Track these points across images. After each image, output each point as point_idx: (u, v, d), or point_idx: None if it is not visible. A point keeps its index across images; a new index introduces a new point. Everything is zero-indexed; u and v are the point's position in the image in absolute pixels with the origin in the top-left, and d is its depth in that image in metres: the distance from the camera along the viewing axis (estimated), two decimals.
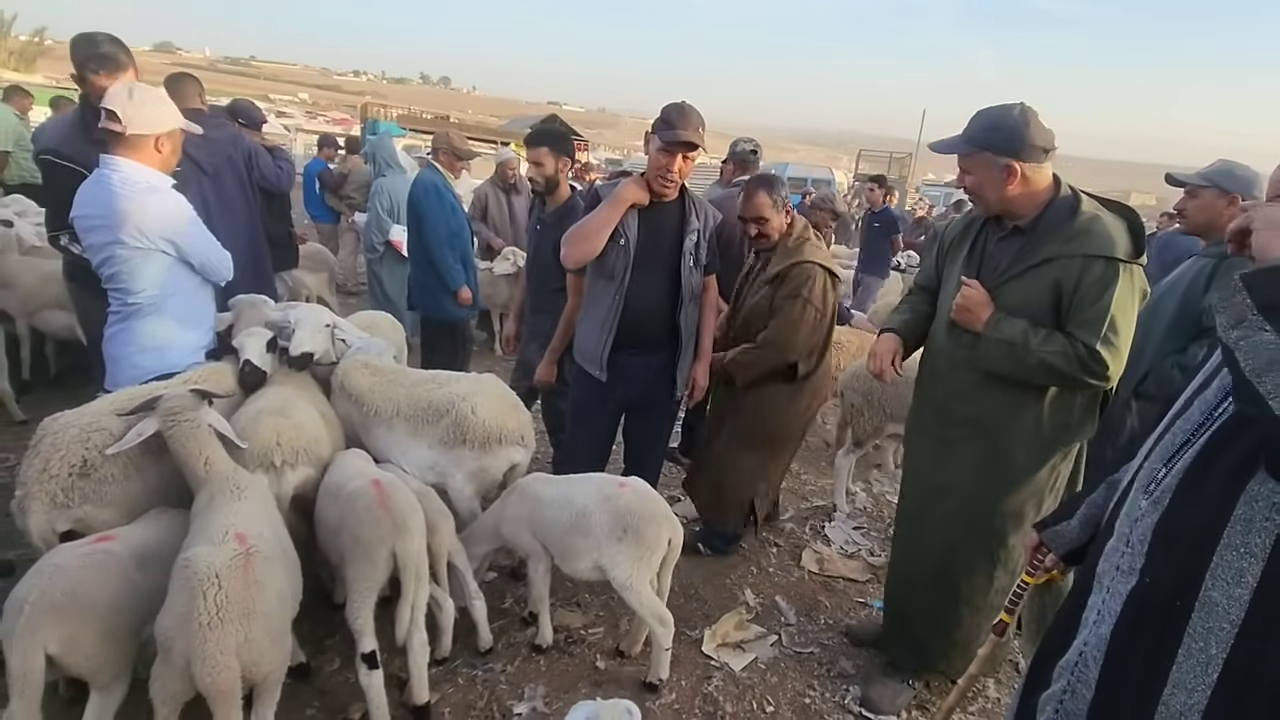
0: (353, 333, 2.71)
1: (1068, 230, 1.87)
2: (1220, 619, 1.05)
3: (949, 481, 2.13)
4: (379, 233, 5.05)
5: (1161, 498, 1.16)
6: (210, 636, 1.46)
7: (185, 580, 1.51)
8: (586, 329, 2.61)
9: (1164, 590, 1.12)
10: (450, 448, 2.37)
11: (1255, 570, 1.02)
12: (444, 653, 2.28)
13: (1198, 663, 1.07)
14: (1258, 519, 1.02)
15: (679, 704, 2.28)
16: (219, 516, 1.73)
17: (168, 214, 2.28)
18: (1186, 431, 1.18)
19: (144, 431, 1.90)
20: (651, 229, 2.52)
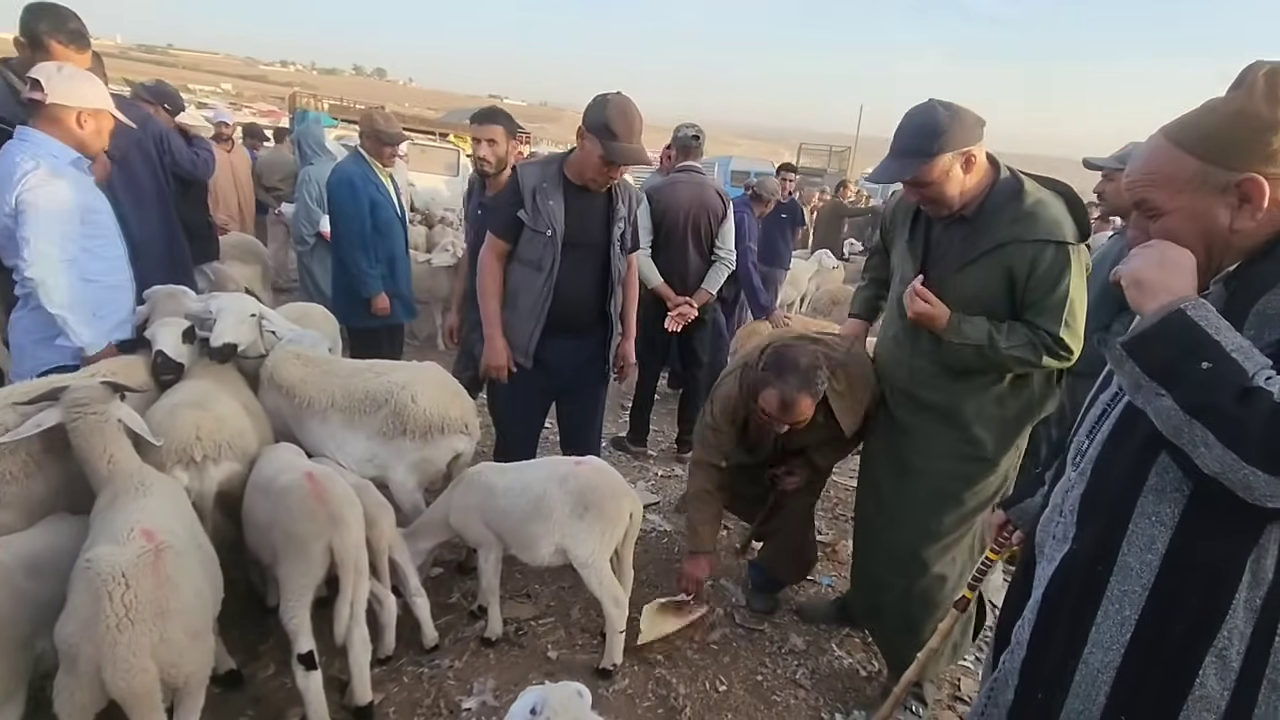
0: (281, 324, 2.58)
1: (1014, 212, 1.85)
2: (1134, 583, 1.11)
3: (916, 465, 2.10)
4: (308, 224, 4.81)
5: (1085, 469, 1.21)
6: (120, 639, 1.36)
7: (88, 582, 1.40)
8: (512, 317, 2.53)
9: (1086, 556, 1.18)
10: (390, 439, 2.28)
11: (1165, 538, 1.08)
12: (387, 651, 2.19)
13: (1114, 624, 1.13)
14: (1168, 489, 1.07)
15: (632, 689, 2.26)
16: (122, 515, 1.61)
17: (52, 196, 2.13)
18: (1104, 404, 1.25)
19: (43, 423, 1.75)
20: (579, 217, 2.45)
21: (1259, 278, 1.05)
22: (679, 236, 3.65)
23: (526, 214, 2.40)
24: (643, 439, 4.11)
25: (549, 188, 2.40)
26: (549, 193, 2.40)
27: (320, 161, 4.76)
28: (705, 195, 3.66)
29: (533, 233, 2.41)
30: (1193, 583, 1.07)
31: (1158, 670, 1.11)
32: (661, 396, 4.36)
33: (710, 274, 3.74)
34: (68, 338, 2.20)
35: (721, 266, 3.74)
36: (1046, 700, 1.24)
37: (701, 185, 3.67)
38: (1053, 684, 1.23)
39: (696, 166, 3.77)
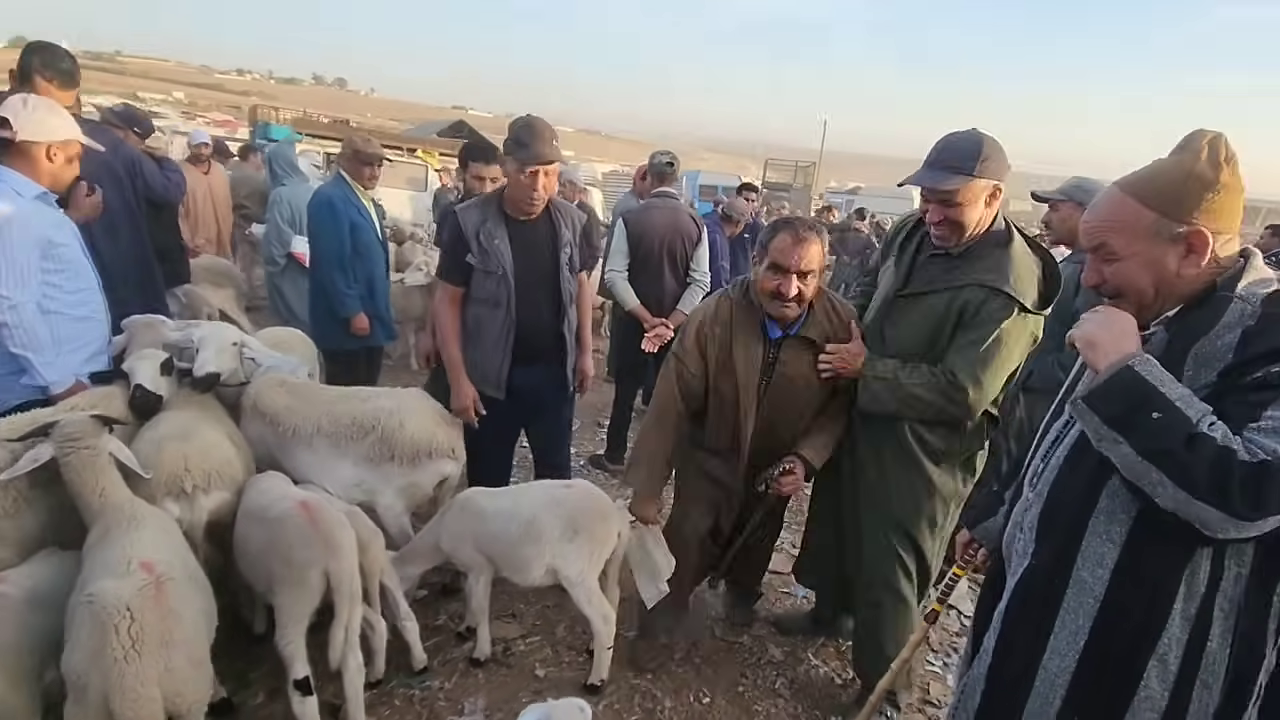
0: (262, 351, 2.59)
1: (993, 259, 1.91)
2: (1086, 595, 1.24)
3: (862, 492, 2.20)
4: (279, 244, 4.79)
5: (1042, 490, 1.34)
6: (128, 670, 1.40)
7: (92, 615, 1.43)
8: (479, 353, 2.58)
9: (1045, 570, 1.31)
10: (377, 464, 2.32)
11: (1114, 555, 1.21)
12: (378, 675, 2.22)
13: (1070, 632, 1.26)
14: (1117, 511, 1.21)
15: (619, 703, 2.32)
16: (117, 548, 1.63)
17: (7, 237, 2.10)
18: (1058, 429, 1.38)
19: (39, 458, 1.77)
20: (526, 250, 2.51)
21: (1195, 323, 1.18)
22: (655, 260, 3.76)
23: (474, 256, 2.45)
24: (620, 456, 4.19)
25: (491, 226, 2.46)
26: (492, 232, 2.46)
27: (292, 182, 4.76)
28: (680, 220, 3.78)
29: (484, 273, 2.47)
30: (1137, 596, 1.20)
31: (1107, 674, 1.24)
32: (638, 414, 4.45)
33: (685, 296, 3.85)
34: (31, 376, 2.19)
35: (696, 289, 3.86)
36: (1008, 703, 1.36)
37: (676, 210, 3.80)
38: (1015, 687, 1.35)
39: (671, 192, 3.89)
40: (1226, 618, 1.18)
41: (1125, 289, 1.24)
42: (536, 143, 2.34)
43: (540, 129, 2.38)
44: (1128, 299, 1.25)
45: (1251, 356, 1.11)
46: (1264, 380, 1.09)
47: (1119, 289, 1.25)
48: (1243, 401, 1.09)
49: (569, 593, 2.27)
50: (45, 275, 2.21)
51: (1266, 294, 1.16)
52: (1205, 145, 1.19)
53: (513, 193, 2.47)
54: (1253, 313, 1.14)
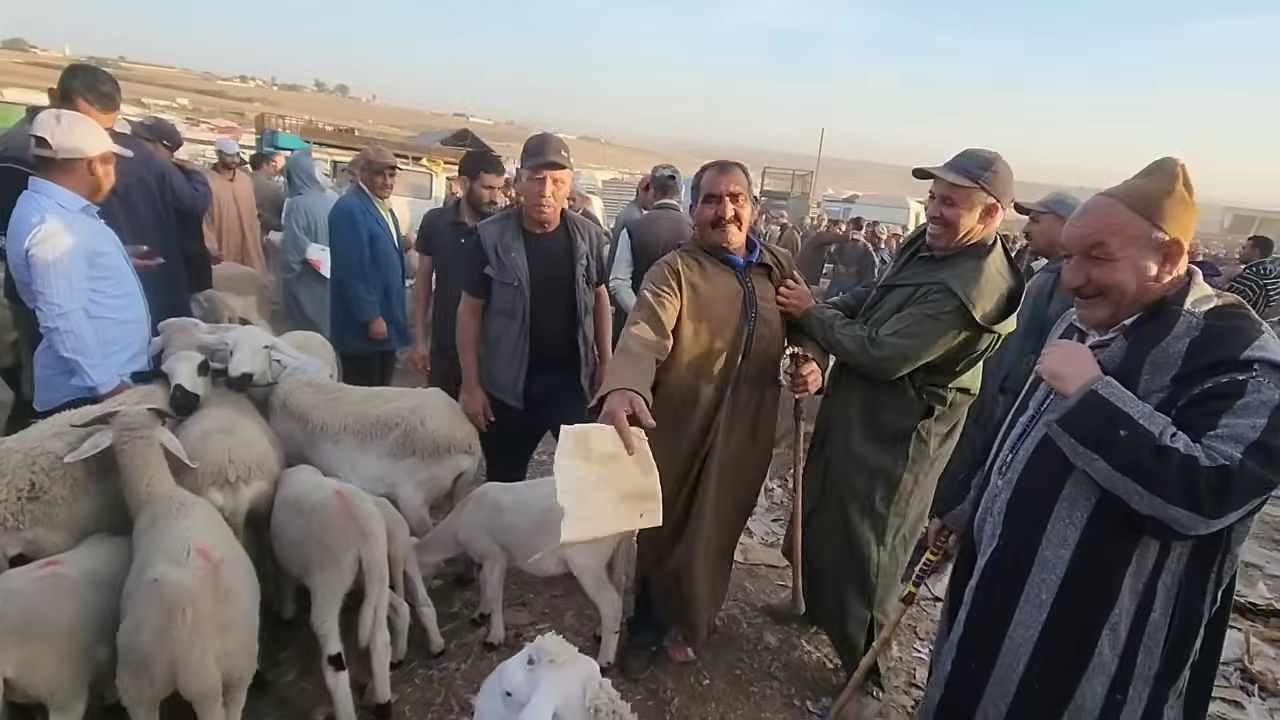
0: (289, 353, 2.76)
1: (963, 268, 2.07)
2: (1050, 573, 1.41)
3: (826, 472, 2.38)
4: (295, 252, 4.97)
5: (1011, 478, 1.51)
6: (194, 649, 1.57)
7: (159, 598, 1.58)
8: (497, 362, 2.70)
9: (1013, 551, 1.47)
10: (399, 459, 2.48)
11: (1075, 536, 1.38)
12: (399, 655, 2.37)
13: (1034, 606, 1.43)
14: (1079, 498, 1.38)
15: (623, 684, 2.48)
16: (174, 534, 1.78)
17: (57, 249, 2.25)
18: (1023, 424, 1.55)
19: (100, 444, 1.93)
20: (542, 262, 2.63)
21: (1150, 333, 1.35)
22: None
23: (493, 269, 2.60)
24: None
25: (510, 240, 2.60)
26: (510, 245, 2.60)
27: (309, 192, 4.94)
28: (682, 230, 3.94)
29: (501, 285, 2.60)
30: (1094, 572, 1.37)
31: (1066, 643, 1.41)
32: None
33: None
34: (80, 378, 2.34)
35: None
36: (977, 670, 1.53)
37: (678, 221, 3.97)
38: (983, 657, 1.52)
39: (673, 203, 4.07)
40: (1169, 591, 1.34)
41: (1110, 289, 1.36)
42: (546, 151, 2.50)
43: (550, 140, 2.55)
44: (1107, 299, 1.38)
45: (1199, 366, 1.26)
46: (1215, 390, 1.24)
47: (1103, 289, 1.37)
48: (1201, 411, 1.24)
49: (579, 580, 2.43)
50: (92, 283, 2.37)
51: (1208, 309, 1.33)
52: (1179, 170, 1.36)
53: (527, 202, 2.60)
54: (1198, 324, 1.30)
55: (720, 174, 2.22)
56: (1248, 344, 1.24)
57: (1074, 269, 1.41)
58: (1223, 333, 1.28)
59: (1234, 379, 1.23)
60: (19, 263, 2.27)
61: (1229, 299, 1.36)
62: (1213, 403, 1.24)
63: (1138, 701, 1.38)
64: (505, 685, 1.34)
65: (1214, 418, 1.22)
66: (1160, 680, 1.38)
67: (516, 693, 1.33)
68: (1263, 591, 3.57)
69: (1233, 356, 1.24)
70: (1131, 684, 1.37)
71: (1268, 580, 3.71)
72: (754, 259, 2.32)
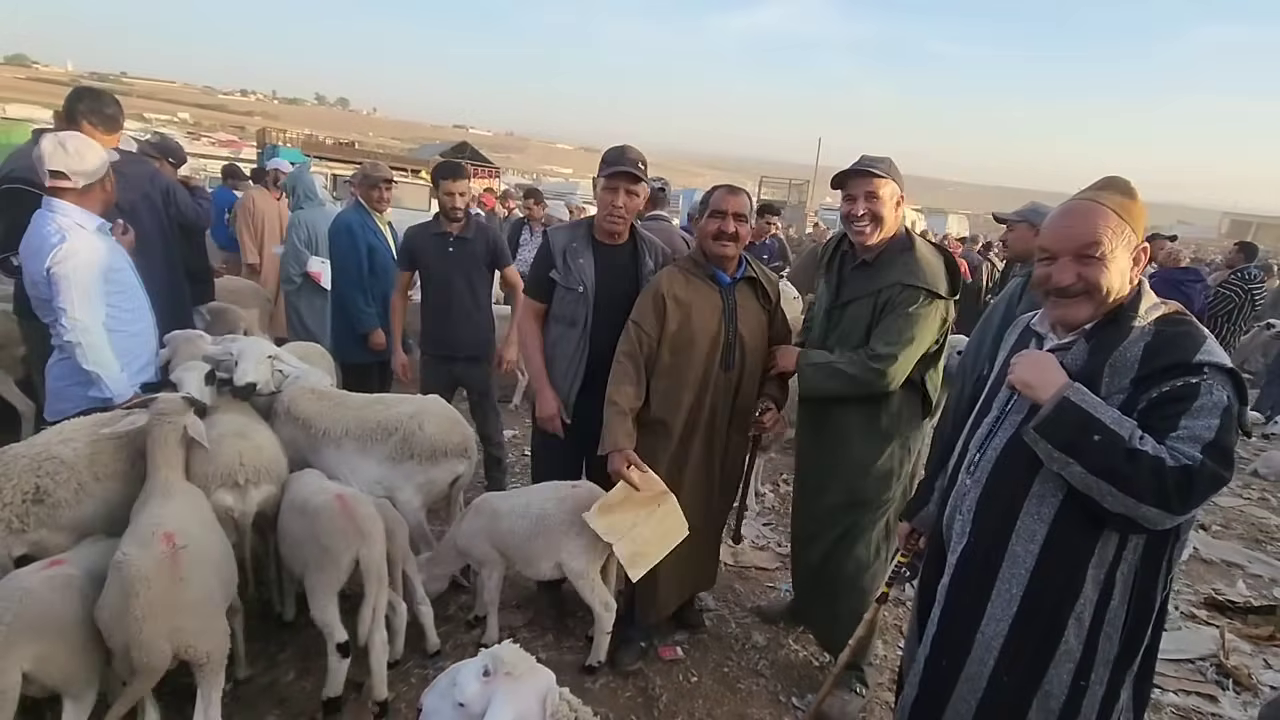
0: (291, 363, 2.86)
1: (903, 262, 2.28)
2: (1019, 567, 1.48)
3: (818, 472, 2.50)
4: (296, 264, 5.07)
5: (980, 477, 1.58)
6: (146, 628, 1.68)
7: (120, 579, 1.70)
8: (553, 371, 2.65)
9: (983, 548, 1.54)
10: (398, 463, 2.58)
11: (1043, 531, 1.46)
12: (396, 655, 2.45)
13: (1004, 600, 1.50)
14: (1048, 495, 1.45)
15: (614, 682, 2.56)
16: (148, 517, 1.90)
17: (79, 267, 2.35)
18: (989, 424, 1.62)
19: (136, 423, 2.11)
20: (608, 273, 2.59)
21: (1108, 338, 1.43)
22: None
23: (558, 273, 2.58)
24: None
25: (578, 247, 2.59)
26: (579, 251, 2.58)
27: (311, 206, 5.05)
28: (673, 241, 4.04)
29: (565, 290, 2.58)
30: (1060, 564, 1.45)
31: (1035, 634, 1.48)
32: None
33: None
34: (99, 389, 2.42)
35: None
36: (949, 667, 1.59)
37: (669, 233, 4.06)
38: (956, 651, 1.58)
39: (663, 214, 4.18)
40: (1126, 579, 1.42)
41: (1098, 288, 1.43)
42: (622, 161, 2.51)
43: (628, 151, 2.55)
44: (1092, 299, 1.45)
45: (1155, 369, 1.35)
46: (1173, 394, 1.32)
47: (1091, 288, 1.42)
48: (1162, 414, 1.32)
49: (574, 583, 2.51)
50: (107, 298, 2.47)
51: (1157, 316, 1.42)
52: (1132, 186, 1.46)
53: (599, 211, 2.61)
54: (1150, 330, 1.40)
55: (729, 195, 2.44)
56: (1197, 348, 1.34)
57: (1064, 268, 1.46)
58: (1173, 337, 1.37)
59: (1188, 382, 1.32)
60: (39, 279, 2.35)
61: (1173, 306, 1.46)
62: (1171, 405, 1.32)
63: (1099, 685, 1.46)
64: (459, 696, 1.28)
65: (1174, 420, 1.31)
66: (1119, 663, 1.46)
67: (470, 704, 1.26)
68: (1242, 590, 3.64)
69: (1185, 360, 1.33)
70: (1094, 669, 1.45)
71: (1248, 579, 3.79)
72: (738, 276, 2.49)
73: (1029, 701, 1.49)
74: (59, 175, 2.37)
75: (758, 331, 2.51)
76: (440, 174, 3.47)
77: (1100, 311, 1.46)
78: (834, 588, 2.51)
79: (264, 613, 2.67)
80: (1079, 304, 1.46)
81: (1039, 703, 1.49)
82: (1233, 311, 6.54)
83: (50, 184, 2.38)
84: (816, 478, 2.54)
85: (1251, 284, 6.67)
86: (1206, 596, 3.46)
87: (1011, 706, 1.51)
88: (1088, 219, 1.44)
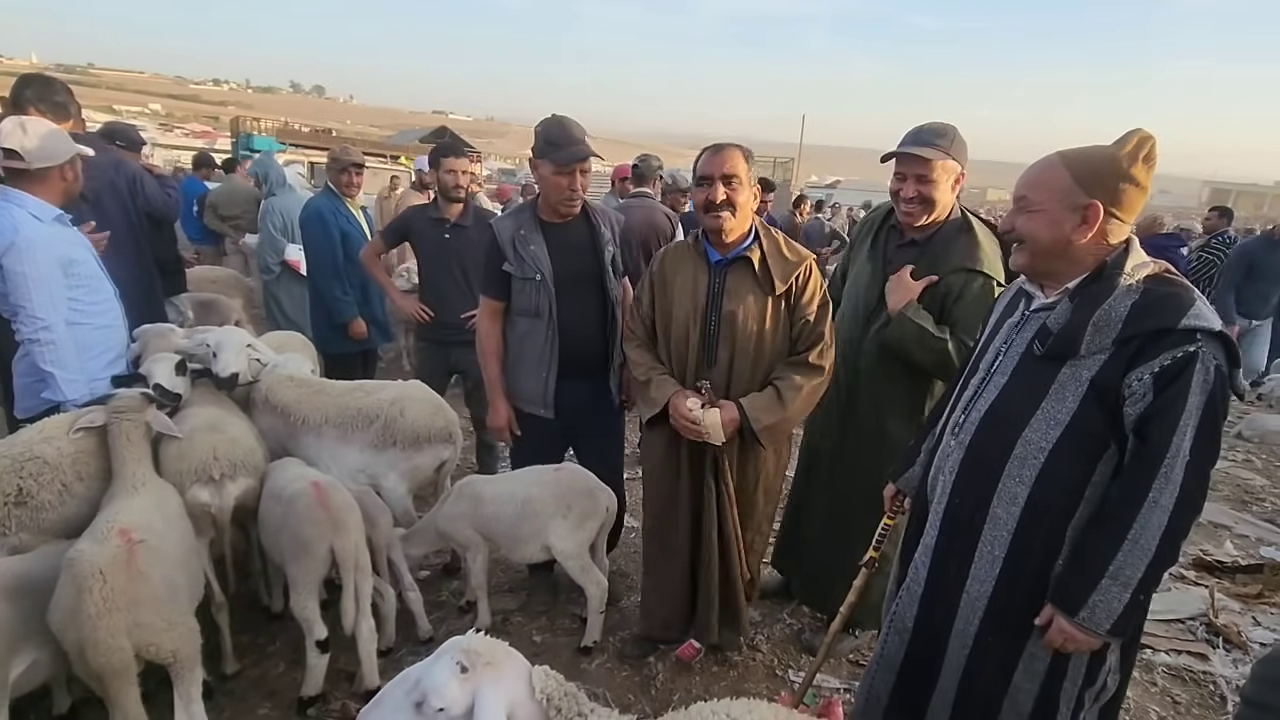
0: (267, 352, 2.79)
1: (962, 245, 2.13)
2: (1001, 529, 1.47)
3: (846, 451, 2.38)
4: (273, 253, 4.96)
5: (964, 438, 1.56)
6: (100, 625, 1.59)
7: (71, 577, 1.62)
8: (523, 370, 2.52)
9: (967, 508, 1.53)
10: (381, 450, 2.52)
11: (1024, 493, 1.45)
12: (388, 642, 2.42)
13: (987, 561, 1.49)
14: (1029, 457, 1.44)
15: (610, 663, 2.54)
16: (106, 513, 1.84)
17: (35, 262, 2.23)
18: (975, 385, 1.60)
19: (95, 420, 2.04)
20: (565, 253, 2.43)
21: (1091, 296, 1.40)
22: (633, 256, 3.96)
23: (511, 264, 2.41)
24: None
25: (526, 233, 2.41)
26: (528, 238, 2.41)
27: (283, 193, 4.93)
28: (655, 218, 4.00)
29: (522, 281, 2.41)
30: (1041, 525, 1.44)
31: (1019, 593, 1.47)
32: None
33: None
34: (51, 391, 2.30)
35: None
36: (939, 622, 1.59)
37: (651, 209, 4.02)
38: (944, 609, 1.58)
39: (648, 192, 4.13)
40: None
41: (1028, 238, 1.45)
42: (571, 141, 2.31)
43: (571, 127, 2.34)
44: (1027, 248, 1.47)
45: (1142, 331, 1.32)
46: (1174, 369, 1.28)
47: (1023, 237, 1.47)
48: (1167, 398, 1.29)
49: (563, 565, 2.48)
50: (69, 291, 2.36)
51: (1146, 275, 1.39)
52: (1135, 141, 1.40)
53: (548, 195, 2.40)
54: (1137, 288, 1.36)
55: (713, 155, 2.11)
56: (1185, 311, 1.31)
57: (1007, 216, 1.53)
58: (1162, 298, 1.34)
59: (1186, 351, 1.29)
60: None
61: (1161, 265, 1.43)
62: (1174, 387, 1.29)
63: None
64: (436, 701, 1.15)
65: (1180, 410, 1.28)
66: None
67: (453, 707, 1.14)
68: (1229, 550, 3.68)
69: (1172, 324, 1.30)
70: None
71: (1235, 539, 3.83)
72: (731, 256, 2.14)
73: (1014, 663, 1.50)
74: (12, 154, 2.25)
75: (754, 321, 2.13)
76: (440, 152, 3.37)
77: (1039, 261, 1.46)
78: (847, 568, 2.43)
79: (252, 604, 2.63)
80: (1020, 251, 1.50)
81: (1024, 664, 1.49)
82: (1214, 275, 6.59)
83: (3, 163, 2.27)
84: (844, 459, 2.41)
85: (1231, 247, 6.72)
86: (1195, 557, 3.48)
87: (998, 668, 1.51)
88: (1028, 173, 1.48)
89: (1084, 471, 1.38)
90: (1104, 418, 1.36)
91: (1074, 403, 1.38)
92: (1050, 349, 1.42)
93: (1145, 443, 1.32)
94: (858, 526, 2.43)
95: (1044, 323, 1.45)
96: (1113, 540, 1.33)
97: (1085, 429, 1.37)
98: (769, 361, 2.18)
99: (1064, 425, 1.39)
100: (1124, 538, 1.31)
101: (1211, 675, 2.66)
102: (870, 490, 2.38)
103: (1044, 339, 1.44)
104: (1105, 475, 1.39)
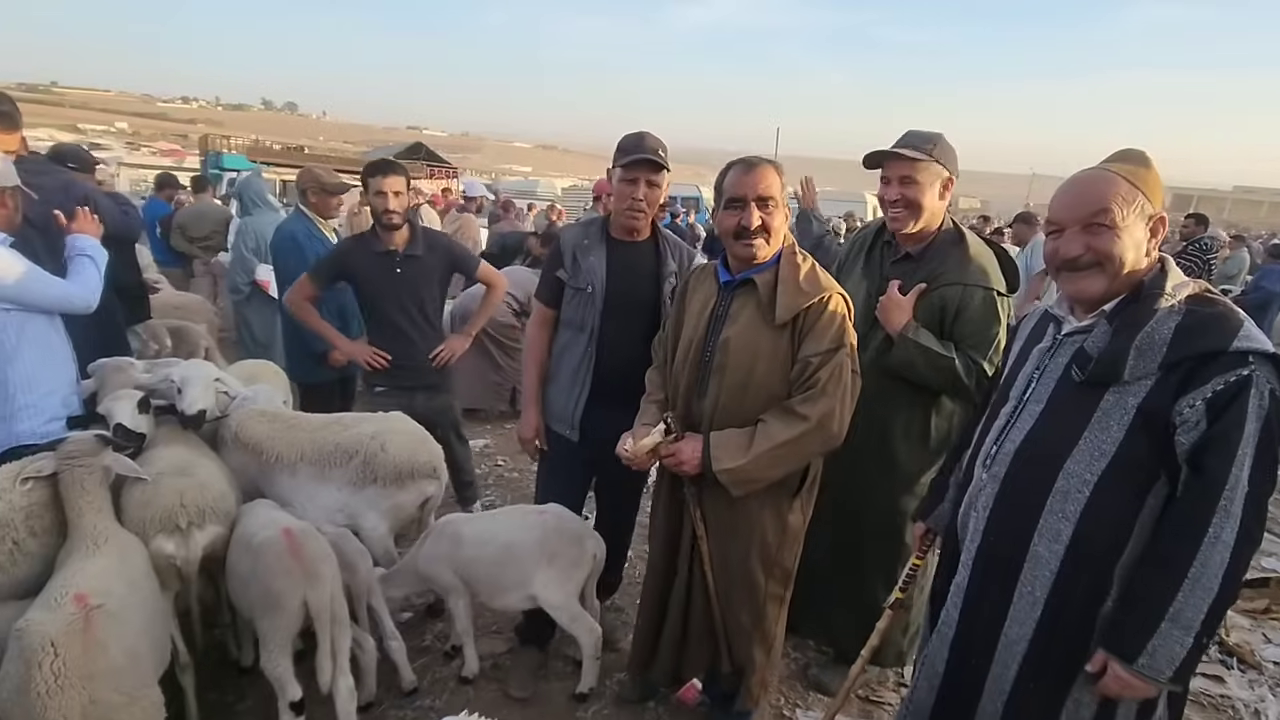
0: (235, 385, 2.61)
1: (956, 257, 2.08)
2: (1044, 568, 1.36)
3: (850, 479, 2.22)
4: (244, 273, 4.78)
5: (998, 471, 1.46)
6: (50, 704, 1.42)
7: (19, 651, 1.46)
8: (555, 385, 2.40)
9: (1005, 546, 1.43)
10: (360, 488, 2.36)
11: (1068, 530, 1.34)
12: (369, 697, 2.25)
13: (1028, 602, 1.39)
14: (1072, 491, 1.34)
15: (607, 709, 2.39)
16: (61, 576, 1.67)
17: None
18: (1006, 415, 1.50)
19: (43, 469, 1.87)
20: (624, 272, 2.29)
21: (1133, 316, 1.32)
22: None
23: (566, 271, 2.31)
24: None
25: (590, 244, 2.31)
26: (590, 249, 2.30)
27: (259, 213, 4.76)
28: None
29: (573, 291, 2.31)
30: (1087, 564, 1.33)
31: (1062, 637, 1.37)
32: None
33: None
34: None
35: None
36: (975, 668, 1.48)
37: None
38: (980, 654, 1.47)
39: None
40: None
41: (1109, 259, 1.32)
42: (641, 148, 2.18)
43: (647, 137, 2.20)
44: (1104, 271, 1.34)
45: (1191, 355, 1.24)
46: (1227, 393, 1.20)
47: (1102, 259, 1.33)
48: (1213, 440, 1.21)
49: (553, 616, 2.31)
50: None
51: (1188, 294, 1.31)
52: (1147, 156, 1.36)
53: (616, 205, 2.30)
54: (1180, 309, 1.29)
55: (745, 174, 1.86)
56: (1235, 332, 1.23)
57: (1071, 239, 1.36)
58: (1207, 319, 1.26)
59: (1239, 375, 1.21)
60: None
61: (1201, 285, 1.36)
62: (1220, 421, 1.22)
63: None
64: None
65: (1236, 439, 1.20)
66: None
67: None
68: None
69: (1223, 347, 1.22)
70: None
71: None
72: (739, 277, 1.95)
73: (1057, 712, 1.39)
74: None
75: (747, 352, 1.89)
76: (368, 172, 2.92)
77: (1116, 285, 1.35)
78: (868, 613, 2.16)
79: (220, 658, 2.44)
80: (1090, 277, 1.36)
81: (1068, 713, 1.39)
82: None
83: None
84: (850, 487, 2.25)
85: (1209, 253, 6.83)
86: None
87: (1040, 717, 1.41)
88: (1094, 186, 1.34)
89: (1132, 505, 1.29)
90: (1153, 447, 1.27)
91: (1120, 431, 1.29)
92: (1092, 375, 1.33)
93: (1201, 474, 1.23)
94: (868, 556, 2.35)
95: (1081, 346, 1.36)
96: (1171, 580, 1.23)
97: (1133, 460, 1.28)
98: (760, 401, 1.89)
99: (1110, 456, 1.30)
100: (1184, 577, 1.22)
101: (1230, 699, 2.59)
102: (879, 518, 2.31)
103: (1083, 364, 1.35)
104: (1155, 509, 1.30)
